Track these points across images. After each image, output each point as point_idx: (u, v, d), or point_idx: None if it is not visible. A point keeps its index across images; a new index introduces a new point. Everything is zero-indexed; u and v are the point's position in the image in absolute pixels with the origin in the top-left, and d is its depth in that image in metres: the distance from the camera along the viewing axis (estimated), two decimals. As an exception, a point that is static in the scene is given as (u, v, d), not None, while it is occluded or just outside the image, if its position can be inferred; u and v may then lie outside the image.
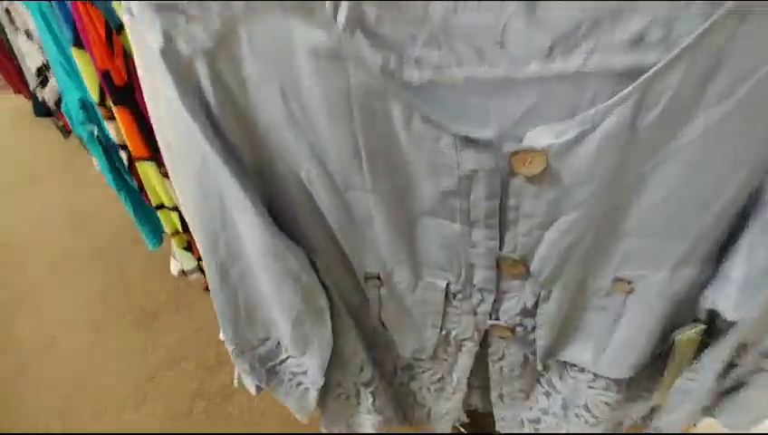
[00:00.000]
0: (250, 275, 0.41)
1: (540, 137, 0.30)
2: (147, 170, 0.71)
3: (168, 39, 0.28)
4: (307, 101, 0.31)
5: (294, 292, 0.40)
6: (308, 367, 0.48)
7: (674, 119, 0.28)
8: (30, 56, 1.40)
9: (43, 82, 1.43)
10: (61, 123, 1.83)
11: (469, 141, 0.31)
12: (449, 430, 0.61)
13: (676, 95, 0.27)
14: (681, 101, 0.27)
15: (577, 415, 0.51)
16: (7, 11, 1.37)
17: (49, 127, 2.85)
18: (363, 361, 0.50)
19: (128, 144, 0.69)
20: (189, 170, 0.35)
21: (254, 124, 0.33)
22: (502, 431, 0.58)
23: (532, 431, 0.56)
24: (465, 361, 0.50)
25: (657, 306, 0.39)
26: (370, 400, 0.54)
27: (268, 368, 0.49)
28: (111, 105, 0.66)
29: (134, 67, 0.58)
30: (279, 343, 0.48)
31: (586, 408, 0.50)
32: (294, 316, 0.42)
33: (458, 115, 0.31)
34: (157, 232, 1.35)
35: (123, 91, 0.62)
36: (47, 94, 1.44)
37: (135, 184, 1.15)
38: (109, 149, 1.12)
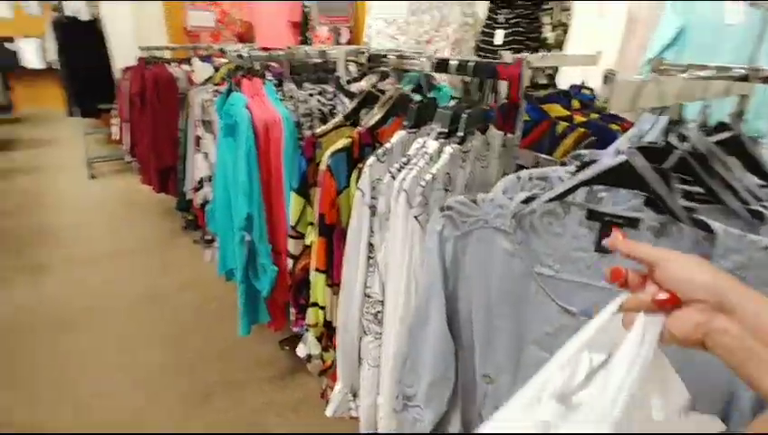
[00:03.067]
0: (424, 346, 0.73)
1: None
2: (318, 279, 1.03)
3: (442, 228, 0.68)
4: (494, 270, 0.67)
5: (443, 364, 0.72)
6: (424, 417, 0.76)
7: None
8: (199, 169, 1.86)
9: (198, 189, 1.86)
10: (190, 217, 2.25)
11: (564, 309, 0.65)
12: None
13: None
14: None
15: None
16: (198, 137, 1.86)
17: (151, 211, 3.32)
18: None
19: (312, 259, 1.02)
20: (427, 283, 0.71)
21: (462, 277, 0.70)
22: None
23: None
24: None
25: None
26: None
27: (404, 404, 0.78)
28: (312, 234, 1.01)
29: (338, 215, 0.94)
30: (416, 392, 0.77)
31: None
32: (431, 379, 0.73)
33: (560, 294, 0.65)
34: (250, 324, 1.62)
35: (329, 228, 0.97)
36: (198, 197, 1.86)
37: (259, 283, 1.47)
38: (250, 252, 1.47)
